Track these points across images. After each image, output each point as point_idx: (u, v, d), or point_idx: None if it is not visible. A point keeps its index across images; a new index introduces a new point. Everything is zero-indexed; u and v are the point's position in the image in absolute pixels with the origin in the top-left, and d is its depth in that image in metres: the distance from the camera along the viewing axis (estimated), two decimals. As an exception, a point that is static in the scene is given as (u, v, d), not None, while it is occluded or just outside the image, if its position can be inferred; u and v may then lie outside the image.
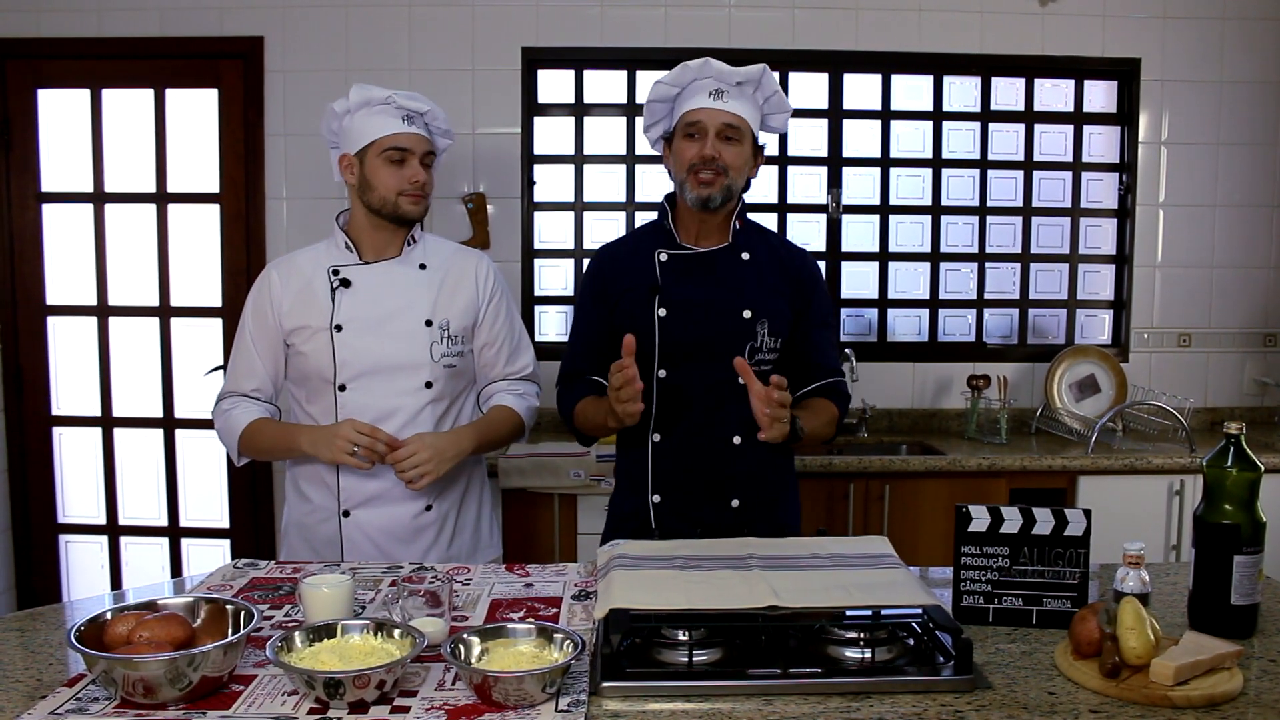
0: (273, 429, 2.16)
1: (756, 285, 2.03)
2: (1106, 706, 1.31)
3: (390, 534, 2.14)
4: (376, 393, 2.11)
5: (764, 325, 2.01)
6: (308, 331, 2.12)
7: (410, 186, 2.10)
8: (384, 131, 2.09)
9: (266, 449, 2.18)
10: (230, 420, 2.18)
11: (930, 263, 3.85)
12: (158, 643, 1.31)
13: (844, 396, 2.13)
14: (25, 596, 3.78)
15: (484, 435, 2.17)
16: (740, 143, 2.00)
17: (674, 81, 2.05)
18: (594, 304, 2.11)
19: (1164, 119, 3.76)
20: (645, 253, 2.07)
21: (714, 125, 1.98)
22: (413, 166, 2.10)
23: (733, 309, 2.00)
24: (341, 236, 2.17)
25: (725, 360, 1.95)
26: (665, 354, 2.02)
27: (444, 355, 2.14)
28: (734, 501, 2.04)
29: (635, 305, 2.04)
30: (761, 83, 2.04)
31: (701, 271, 2.04)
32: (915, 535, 3.19)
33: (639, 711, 1.31)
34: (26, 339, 3.74)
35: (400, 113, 2.10)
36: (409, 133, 2.10)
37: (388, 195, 2.10)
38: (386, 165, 2.09)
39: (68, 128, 3.69)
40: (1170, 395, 3.63)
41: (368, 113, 2.10)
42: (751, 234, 2.10)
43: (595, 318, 2.11)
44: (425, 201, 2.14)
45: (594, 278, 2.14)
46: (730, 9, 3.66)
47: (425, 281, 2.16)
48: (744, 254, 2.06)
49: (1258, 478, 1.56)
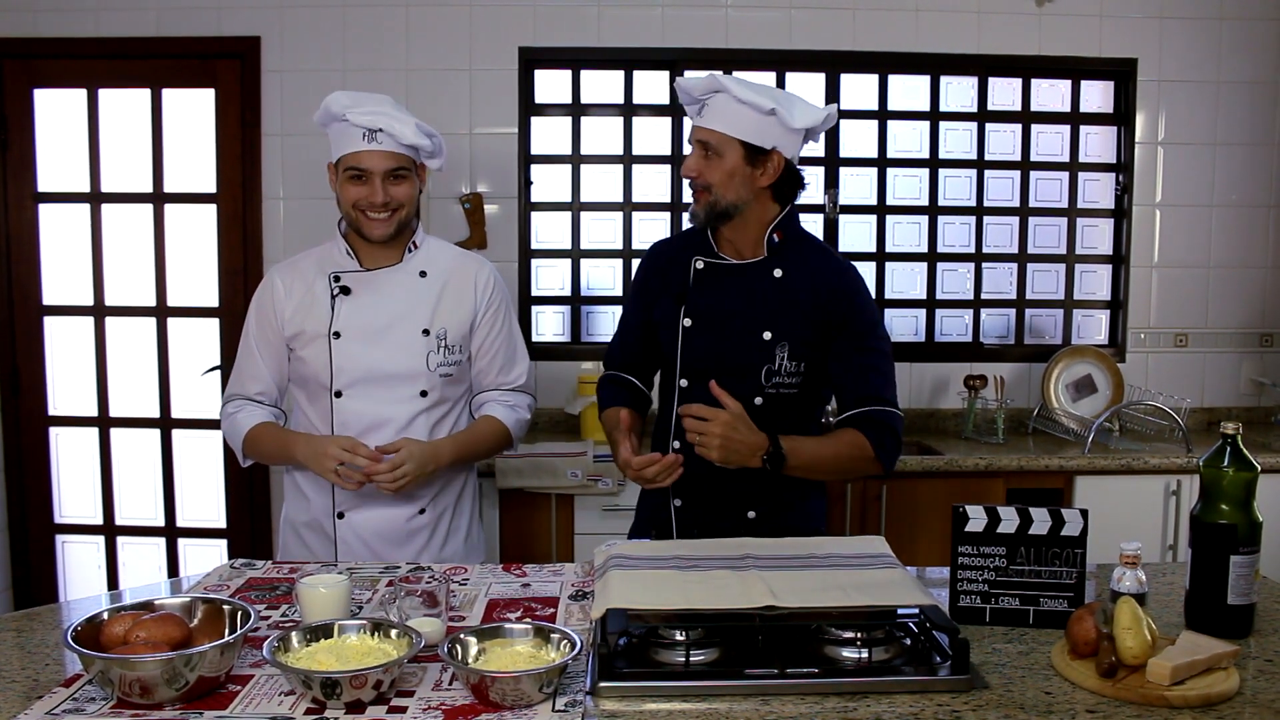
0: (272, 436, 2.16)
1: (782, 305, 1.95)
2: (1103, 706, 1.31)
3: (383, 536, 2.14)
4: (372, 400, 2.10)
5: (784, 349, 1.94)
6: (307, 337, 2.12)
7: (367, 205, 2.04)
8: (344, 150, 2.04)
9: (266, 454, 2.18)
10: (235, 424, 2.19)
11: (927, 263, 3.85)
12: (154, 643, 1.31)
13: (884, 428, 1.92)
14: (22, 597, 3.78)
15: (464, 449, 2.15)
16: (720, 157, 1.90)
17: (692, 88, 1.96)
18: (636, 299, 2.12)
19: (1160, 119, 3.77)
20: (686, 258, 2.03)
21: (695, 142, 1.94)
22: (371, 185, 2.03)
23: (753, 328, 1.95)
24: (342, 243, 2.16)
25: (741, 381, 1.93)
26: (686, 365, 2.00)
27: (440, 365, 2.13)
28: (750, 514, 2.01)
29: (666, 310, 2.03)
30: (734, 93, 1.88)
31: (732, 284, 1.99)
32: (912, 535, 3.19)
33: (636, 711, 1.31)
34: (23, 339, 3.73)
35: (359, 130, 2.02)
36: (368, 150, 2.02)
37: (349, 211, 2.08)
38: (348, 183, 2.05)
39: (64, 128, 3.68)
40: (1167, 395, 3.64)
41: (337, 128, 2.06)
42: (792, 248, 1.99)
43: (634, 312, 2.12)
44: (395, 219, 2.07)
45: (641, 273, 2.13)
46: (727, 9, 3.66)
47: (424, 289, 2.15)
48: (777, 270, 1.96)
49: (1254, 478, 1.56)
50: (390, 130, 2.02)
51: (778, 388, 1.96)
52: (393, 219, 2.07)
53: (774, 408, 1.96)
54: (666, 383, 2.07)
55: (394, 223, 2.08)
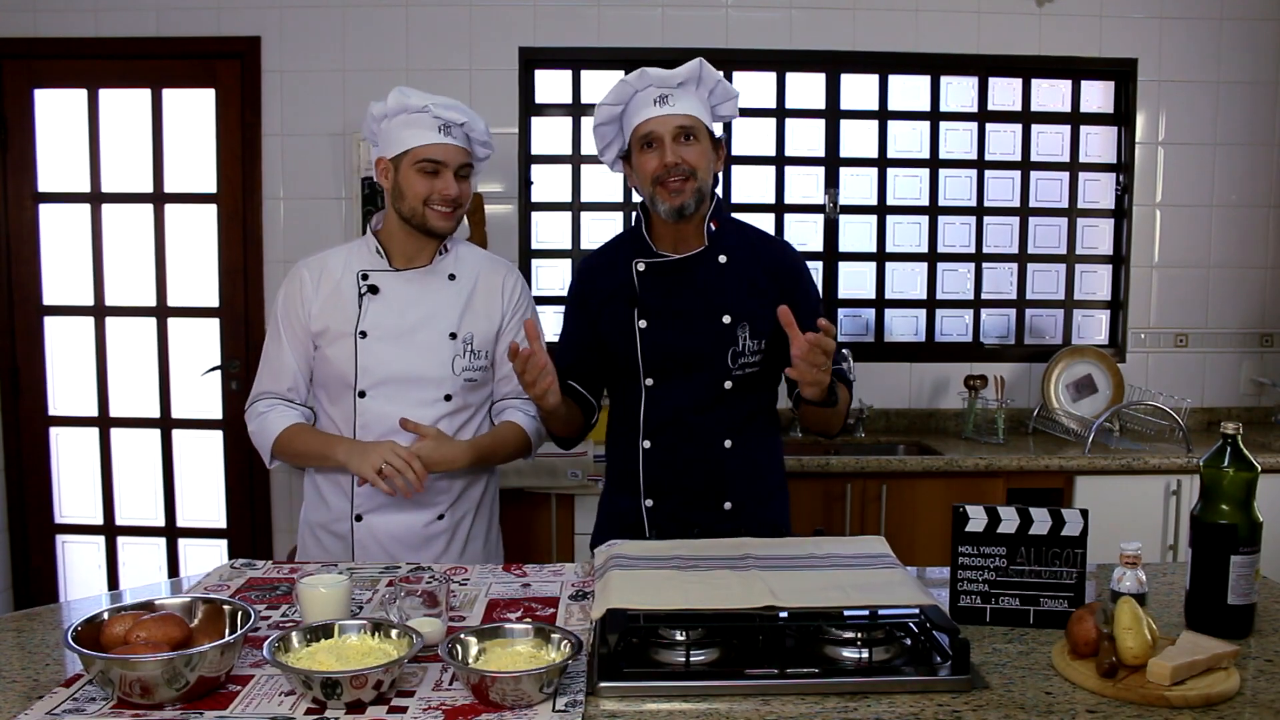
0: (309, 437, 2.12)
1: (735, 288, 2.00)
2: (1103, 706, 1.31)
3: (401, 540, 2.12)
4: (395, 402, 2.08)
5: (745, 329, 1.98)
6: (332, 334, 2.10)
7: (439, 199, 2.05)
8: (419, 142, 2.04)
9: (301, 454, 2.13)
10: (266, 424, 2.14)
11: (927, 263, 3.85)
12: (155, 643, 1.31)
13: (847, 383, 2.07)
14: (22, 597, 3.78)
15: (484, 454, 2.14)
16: (698, 140, 1.96)
17: (616, 100, 2.01)
18: (576, 316, 2.12)
19: (1161, 119, 3.77)
20: (624, 263, 2.04)
21: (668, 131, 1.94)
22: (445, 179, 2.04)
23: (712, 316, 1.98)
24: (373, 241, 2.14)
25: (709, 368, 1.96)
26: (649, 364, 2.01)
27: (465, 369, 2.12)
28: (726, 504, 2.03)
29: (616, 317, 2.03)
30: (702, 77, 1.99)
31: (679, 279, 2.01)
32: (912, 535, 3.19)
33: (636, 711, 1.31)
34: (23, 339, 3.73)
35: (437, 123, 2.03)
36: (444, 144, 2.04)
37: (416, 205, 2.06)
38: (418, 175, 2.04)
39: (65, 128, 3.69)
40: (1167, 395, 3.64)
41: (405, 119, 2.05)
42: (728, 234, 2.05)
43: (577, 329, 2.11)
44: (457, 215, 2.09)
45: (576, 291, 2.13)
46: (727, 9, 3.66)
47: (453, 293, 2.14)
48: (721, 257, 2.01)
49: (1254, 478, 1.56)
50: (473, 124, 2.08)
51: (744, 368, 1.99)
52: (456, 214, 2.09)
53: (742, 389, 2.01)
54: (625, 387, 2.07)
55: (457, 218, 2.10)
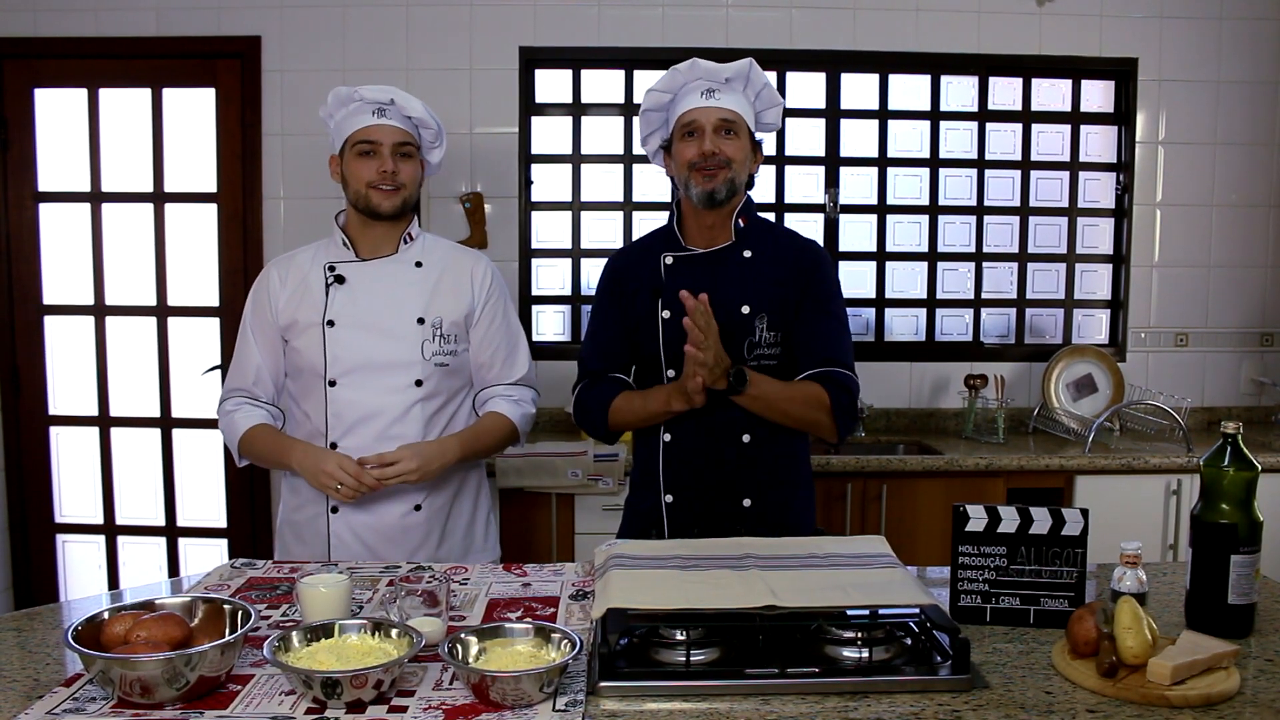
0: (268, 439, 2.16)
1: (754, 280, 2.03)
2: (1103, 706, 1.31)
3: (377, 532, 2.14)
4: (366, 389, 2.11)
5: (763, 320, 2.01)
6: (300, 326, 2.14)
7: (378, 178, 2.10)
8: (353, 127, 2.13)
9: (261, 456, 2.18)
10: (232, 423, 2.19)
11: (927, 262, 3.85)
12: (155, 642, 1.31)
13: (842, 388, 1.97)
14: (22, 596, 3.78)
15: (471, 445, 2.16)
16: (738, 136, 2.01)
17: (666, 87, 2.07)
18: (610, 305, 2.13)
19: (1161, 119, 3.77)
20: (654, 257, 2.09)
21: (710, 122, 1.99)
22: (381, 157, 2.11)
23: (731, 305, 2.00)
24: (339, 235, 2.19)
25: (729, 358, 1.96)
26: (671, 355, 2.03)
27: (436, 354, 2.14)
28: (745, 501, 2.03)
29: (643, 308, 2.06)
30: (750, 77, 2.04)
31: (705, 272, 2.04)
32: (913, 535, 3.19)
33: (636, 711, 1.31)
34: (23, 338, 3.73)
35: (369, 107, 2.12)
36: (377, 124, 2.11)
37: (360, 189, 2.12)
38: (358, 159, 2.12)
39: (65, 127, 3.68)
40: (1167, 395, 3.64)
41: (344, 113, 2.15)
42: (756, 231, 2.09)
43: (612, 320, 2.12)
44: (400, 195, 2.13)
45: (608, 282, 2.16)
46: (728, 8, 3.66)
47: (419, 279, 2.17)
48: (746, 252, 2.05)
49: (1255, 477, 1.56)
50: (400, 101, 2.14)
51: (759, 359, 2.01)
52: (399, 194, 2.13)
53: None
54: (650, 380, 2.09)
55: (400, 198, 2.13)
